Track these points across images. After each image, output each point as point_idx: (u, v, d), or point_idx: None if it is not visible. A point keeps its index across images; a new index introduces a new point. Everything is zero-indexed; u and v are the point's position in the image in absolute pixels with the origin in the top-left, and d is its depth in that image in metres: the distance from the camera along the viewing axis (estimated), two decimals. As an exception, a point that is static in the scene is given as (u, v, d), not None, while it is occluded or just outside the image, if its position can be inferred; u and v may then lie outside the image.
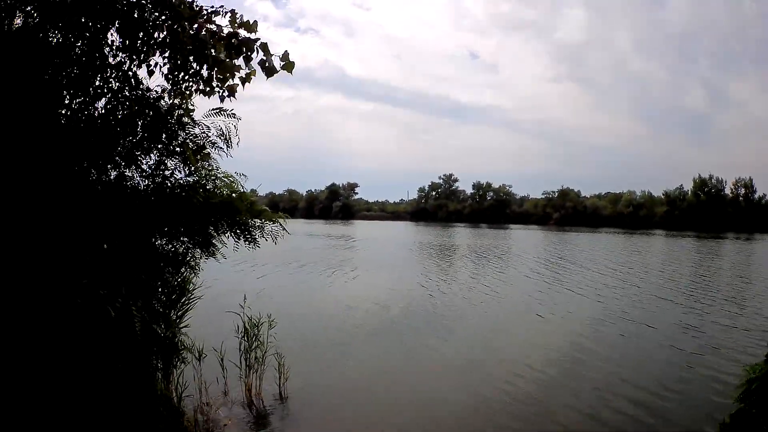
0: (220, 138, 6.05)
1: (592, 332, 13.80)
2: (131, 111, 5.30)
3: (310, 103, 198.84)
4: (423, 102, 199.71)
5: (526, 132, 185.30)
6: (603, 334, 13.69)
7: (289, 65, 4.76)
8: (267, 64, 4.76)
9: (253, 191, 6.70)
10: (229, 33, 4.80)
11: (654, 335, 13.64)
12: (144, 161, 5.75)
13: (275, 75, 4.79)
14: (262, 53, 4.78)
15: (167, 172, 5.93)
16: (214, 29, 4.83)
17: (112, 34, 4.94)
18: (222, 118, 5.92)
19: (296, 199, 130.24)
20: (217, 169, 6.27)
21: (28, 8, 4.94)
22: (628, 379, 9.93)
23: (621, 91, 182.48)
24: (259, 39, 4.80)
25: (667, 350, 12.16)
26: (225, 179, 6.30)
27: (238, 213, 6.25)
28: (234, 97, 5.23)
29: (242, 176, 6.37)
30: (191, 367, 8.12)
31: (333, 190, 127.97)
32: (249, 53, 4.81)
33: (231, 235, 6.43)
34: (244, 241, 6.43)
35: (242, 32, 4.82)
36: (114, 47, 4.99)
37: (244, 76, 5.01)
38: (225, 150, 6.10)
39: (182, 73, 5.14)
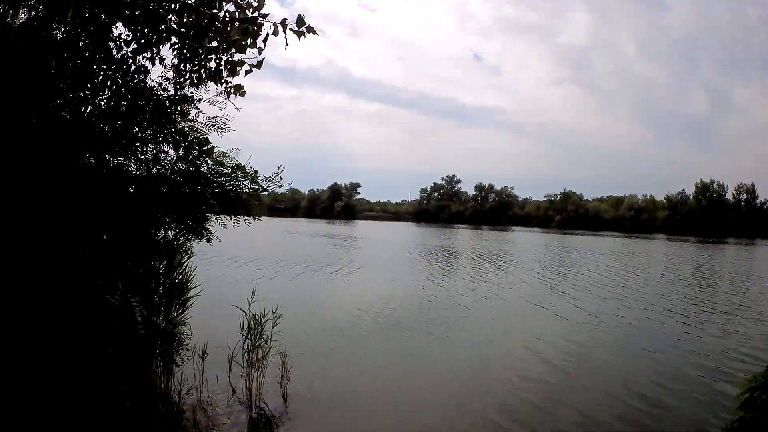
0: (215, 123, 6.01)
1: (593, 336, 13.78)
2: (134, 103, 5.26)
3: (313, 102, 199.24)
4: (426, 103, 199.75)
5: (528, 134, 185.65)
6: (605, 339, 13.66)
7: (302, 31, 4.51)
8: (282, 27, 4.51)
9: (263, 190, 6.63)
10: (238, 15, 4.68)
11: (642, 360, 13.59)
12: (143, 151, 5.71)
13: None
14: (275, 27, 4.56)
15: (166, 161, 5.90)
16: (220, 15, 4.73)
17: (117, 27, 4.89)
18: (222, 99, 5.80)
19: (298, 198, 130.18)
20: (213, 149, 6.19)
21: (32, 2, 4.91)
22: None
23: (624, 94, 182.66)
24: (268, 14, 4.64)
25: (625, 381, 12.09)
26: (219, 160, 6.22)
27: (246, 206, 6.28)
28: (242, 94, 5.19)
29: (237, 150, 6.24)
30: (192, 365, 8.08)
31: (335, 190, 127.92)
32: (256, 29, 4.63)
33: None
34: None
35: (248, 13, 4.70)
36: (121, 40, 4.94)
37: (255, 63, 4.90)
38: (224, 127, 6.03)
39: (189, 63, 5.07)
